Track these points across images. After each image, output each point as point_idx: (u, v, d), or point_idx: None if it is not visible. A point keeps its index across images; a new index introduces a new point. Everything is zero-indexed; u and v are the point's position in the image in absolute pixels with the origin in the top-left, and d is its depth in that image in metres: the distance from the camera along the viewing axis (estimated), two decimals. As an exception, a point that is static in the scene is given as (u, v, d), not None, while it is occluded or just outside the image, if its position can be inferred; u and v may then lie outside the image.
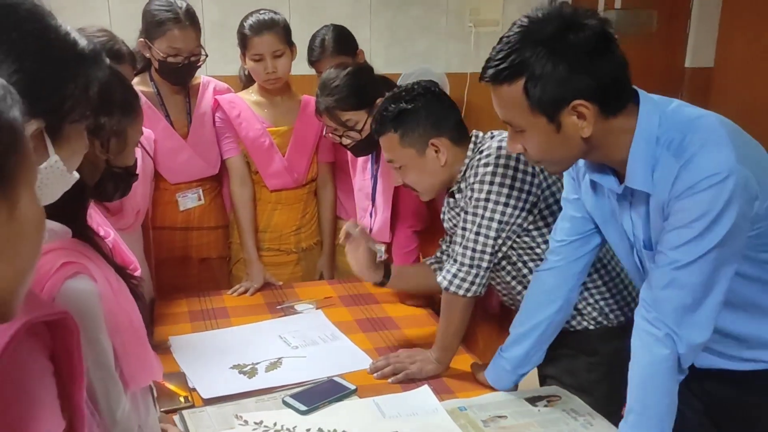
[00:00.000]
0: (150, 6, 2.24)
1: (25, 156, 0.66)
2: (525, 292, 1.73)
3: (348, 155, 2.37)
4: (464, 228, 1.75)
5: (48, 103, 0.88)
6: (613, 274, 1.75)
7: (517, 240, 1.76)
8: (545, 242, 1.71)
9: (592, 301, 1.74)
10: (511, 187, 1.69)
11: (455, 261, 1.76)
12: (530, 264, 1.77)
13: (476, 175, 1.73)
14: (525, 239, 1.75)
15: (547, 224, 1.73)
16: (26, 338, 0.76)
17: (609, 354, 1.69)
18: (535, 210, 1.73)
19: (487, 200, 1.70)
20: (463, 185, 1.79)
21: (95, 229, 1.18)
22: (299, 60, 2.49)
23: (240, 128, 2.41)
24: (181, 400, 1.66)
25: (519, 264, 1.78)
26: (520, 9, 2.89)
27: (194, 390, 1.71)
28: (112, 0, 3.31)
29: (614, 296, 1.75)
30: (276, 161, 2.45)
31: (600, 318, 1.75)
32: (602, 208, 1.50)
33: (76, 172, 0.97)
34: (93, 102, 0.96)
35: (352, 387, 1.71)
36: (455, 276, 1.75)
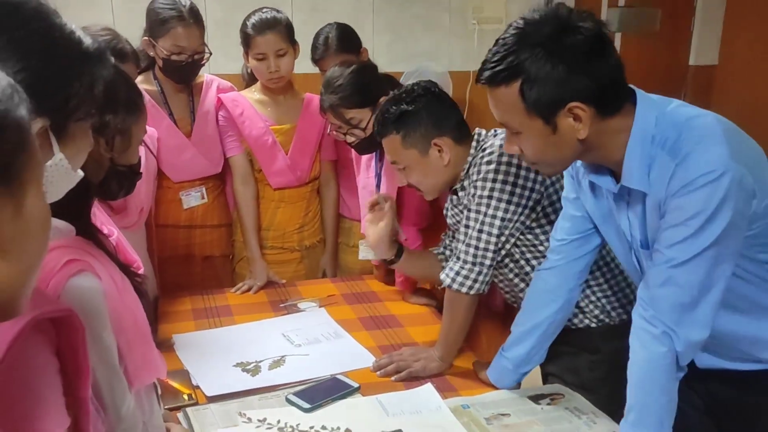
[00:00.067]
0: (154, 4, 2.24)
1: (32, 154, 0.66)
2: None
3: (351, 153, 2.37)
4: (467, 225, 1.76)
5: (53, 102, 0.88)
6: (616, 272, 1.75)
7: (521, 237, 1.76)
8: (548, 240, 1.70)
9: (594, 299, 1.74)
10: (514, 185, 1.70)
11: (458, 258, 1.77)
12: (533, 262, 1.77)
13: (479, 173, 1.73)
14: (528, 237, 1.76)
15: (550, 222, 1.73)
16: (32, 334, 0.77)
17: (611, 352, 1.68)
18: (538, 207, 1.73)
19: (490, 198, 1.71)
20: (466, 183, 1.80)
21: (99, 227, 1.19)
22: (302, 58, 2.49)
23: (243, 126, 2.41)
24: (185, 398, 1.66)
25: (522, 261, 1.79)
26: (523, 7, 2.88)
27: (198, 387, 1.72)
28: (116, -2, 3.32)
29: (616, 294, 1.75)
30: (279, 159, 2.45)
31: (602, 316, 1.75)
32: (601, 209, 1.50)
33: (81, 170, 0.97)
34: (98, 100, 0.96)
35: (356, 385, 1.71)
36: (458, 273, 1.76)
